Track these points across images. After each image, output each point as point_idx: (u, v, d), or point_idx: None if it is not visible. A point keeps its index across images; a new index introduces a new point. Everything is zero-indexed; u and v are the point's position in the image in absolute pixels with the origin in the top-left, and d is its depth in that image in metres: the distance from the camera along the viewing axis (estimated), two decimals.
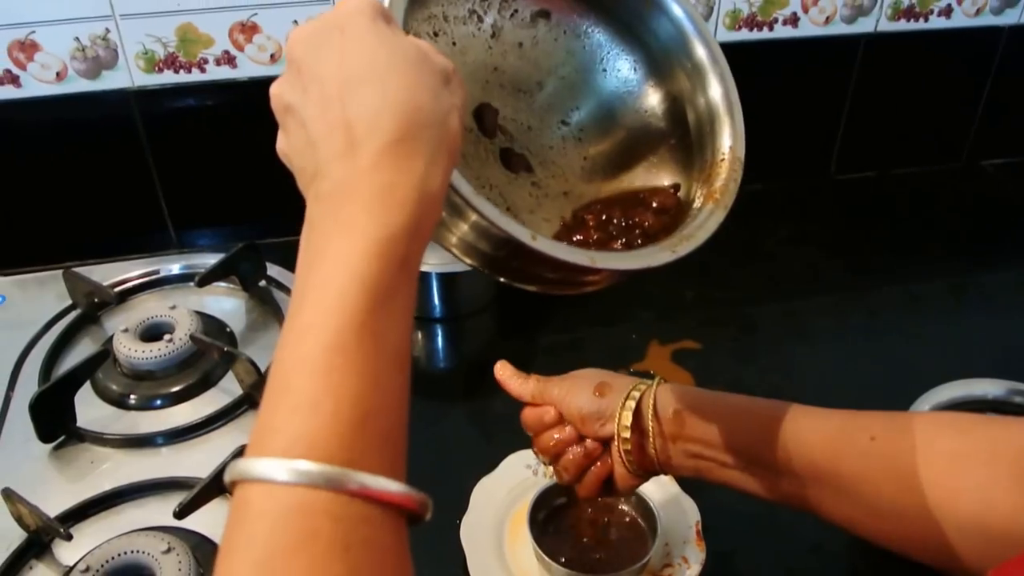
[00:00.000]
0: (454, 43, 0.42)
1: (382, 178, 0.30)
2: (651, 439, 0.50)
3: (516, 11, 0.47)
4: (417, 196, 0.30)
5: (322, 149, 0.31)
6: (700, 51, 0.48)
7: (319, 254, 0.30)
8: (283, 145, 0.34)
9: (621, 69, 0.50)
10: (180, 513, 0.55)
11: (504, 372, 0.57)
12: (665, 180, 0.49)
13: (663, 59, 0.49)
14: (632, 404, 0.50)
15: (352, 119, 0.31)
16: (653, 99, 0.50)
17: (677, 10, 0.47)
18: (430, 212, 0.31)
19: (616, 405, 0.51)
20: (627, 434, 0.50)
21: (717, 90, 0.47)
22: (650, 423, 0.50)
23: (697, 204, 0.45)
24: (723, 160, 0.46)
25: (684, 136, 0.49)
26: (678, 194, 0.48)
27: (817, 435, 0.46)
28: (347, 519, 0.26)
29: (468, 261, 0.41)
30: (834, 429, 0.46)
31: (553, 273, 0.41)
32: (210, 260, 0.84)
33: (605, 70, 0.50)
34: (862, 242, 1.00)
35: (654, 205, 0.47)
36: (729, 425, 0.48)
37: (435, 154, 0.31)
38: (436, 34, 0.45)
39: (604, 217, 0.46)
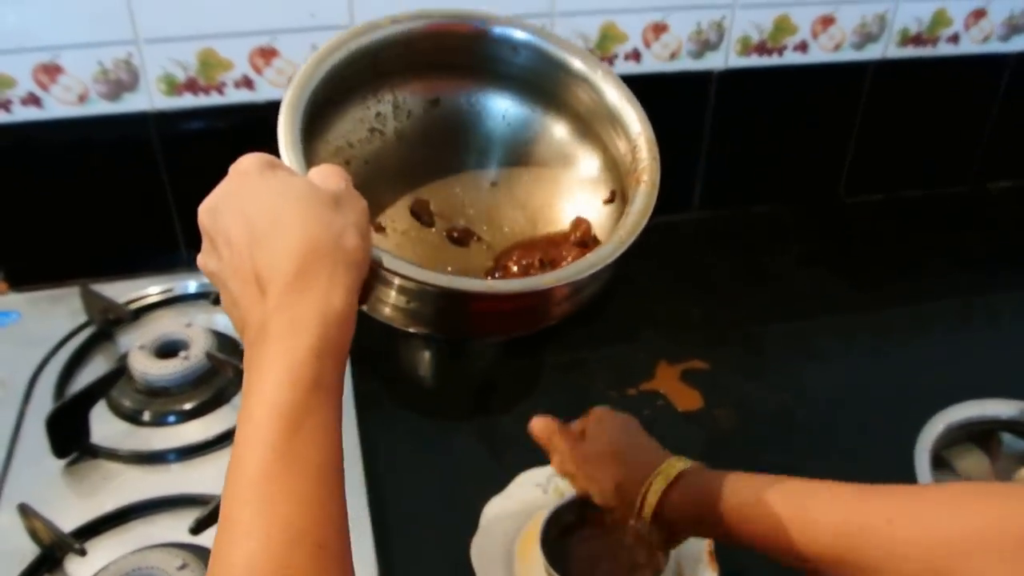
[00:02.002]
0: (366, 162, 0.45)
1: (286, 313, 0.33)
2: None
3: (409, 111, 0.50)
4: (320, 318, 0.33)
5: (242, 302, 0.34)
6: (575, 63, 0.49)
7: (246, 393, 0.33)
8: (222, 307, 0.38)
9: (508, 111, 0.52)
10: (196, 528, 0.55)
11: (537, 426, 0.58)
12: (603, 192, 0.50)
13: (546, 86, 0.51)
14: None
15: (259, 268, 0.34)
16: (558, 128, 0.52)
17: (521, 35, 0.49)
18: (339, 329, 0.34)
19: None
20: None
21: (611, 92, 0.48)
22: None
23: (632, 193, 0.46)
24: (636, 146, 0.47)
25: (602, 148, 0.50)
26: (614, 199, 0.49)
27: (831, 525, 0.46)
28: None
29: (417, 330, 0.42)
30: (846, 515, 0.46)
31: (507, 316, 0.42)
32: None
33: (503, 117, 0.52)
34: (870, 263, 1.00)
35: (574, 239, 0.48)
36: (741, 525, 0.50)
37: (333, 275, 0.34)
38: (348, 162, 0.47)
39: (525, 262, 0.48)
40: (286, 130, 0.41)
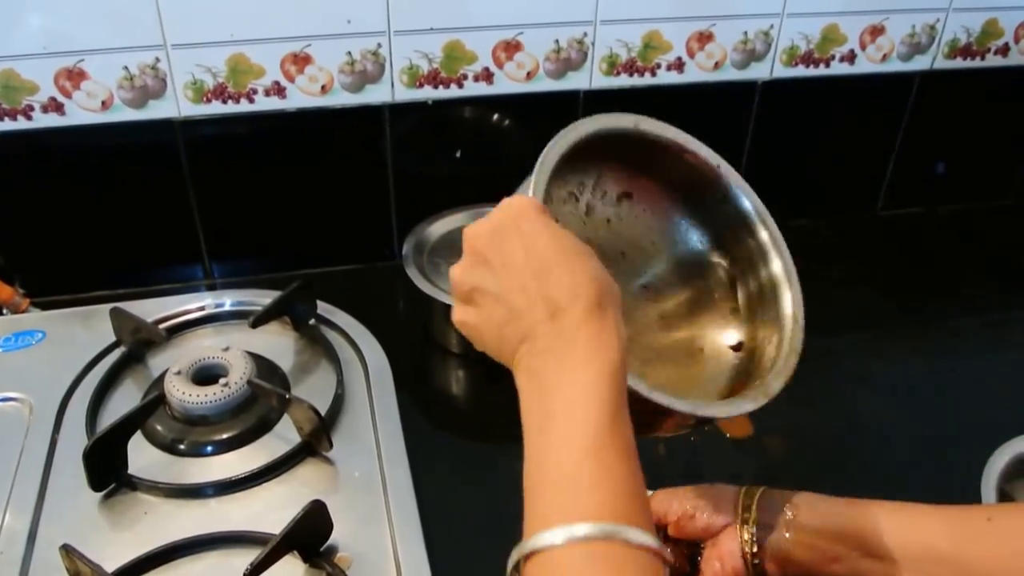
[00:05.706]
0: (556, 219, 0.46)
1: (592, 329, 0.39)
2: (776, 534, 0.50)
3: (605, 192, 0.57)
4: (617, 339, 0.40)
5: (526, 318, 0.40)
6: (763, 234, 0.56)
7: (554, 389, 0.39)
8: (470, 318, 0.43)
9: (690, 241, 0.59)
10: (253, 573, 0.53)
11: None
12: (731, 333, 0.57)
13: (730, 236, 0.57)
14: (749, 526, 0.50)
15: (551, 294, 0.40)
16: (719, 268, 0.58)
17: (747, 203, 0.56)
18: (625, 350, 0.40)
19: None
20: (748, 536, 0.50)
21: (778, 264, 0.55)
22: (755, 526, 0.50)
23: (771, 354, 0.53)
24: (787, 318, 0.54)
25: (747, 299, 0.57)
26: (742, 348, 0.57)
27: (934, 518, 0.46)
28: (631, 562, 0.34)
29: None
30: (950, 512, 0.46)
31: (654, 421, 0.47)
32: (249, 295, 0.82)
33: (676, 241, 0.58)
34: (914, 280, 0.98)
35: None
36: (841, 519, 0.48)
37: (616, 309, 0.41)
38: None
39: None
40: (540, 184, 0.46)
